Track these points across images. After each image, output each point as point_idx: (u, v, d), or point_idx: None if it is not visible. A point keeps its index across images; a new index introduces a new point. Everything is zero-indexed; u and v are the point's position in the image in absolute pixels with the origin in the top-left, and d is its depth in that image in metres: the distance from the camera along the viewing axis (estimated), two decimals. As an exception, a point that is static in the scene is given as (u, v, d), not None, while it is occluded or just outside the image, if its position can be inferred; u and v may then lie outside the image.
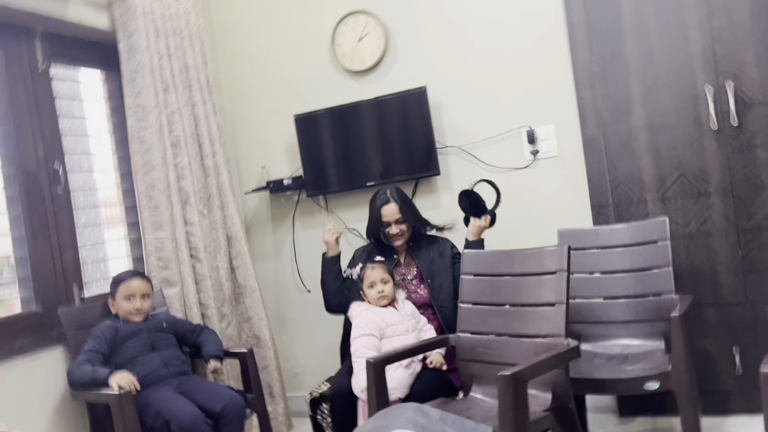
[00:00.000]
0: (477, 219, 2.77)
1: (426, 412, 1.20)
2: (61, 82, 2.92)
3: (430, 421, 1.17)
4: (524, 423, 1.80)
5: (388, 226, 2.78)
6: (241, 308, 3.35)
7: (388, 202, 2.79)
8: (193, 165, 3.14)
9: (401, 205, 2.79)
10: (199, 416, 2.36)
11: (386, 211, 2.78)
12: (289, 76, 3.60)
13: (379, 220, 2.79)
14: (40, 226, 2.68)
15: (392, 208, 2.78)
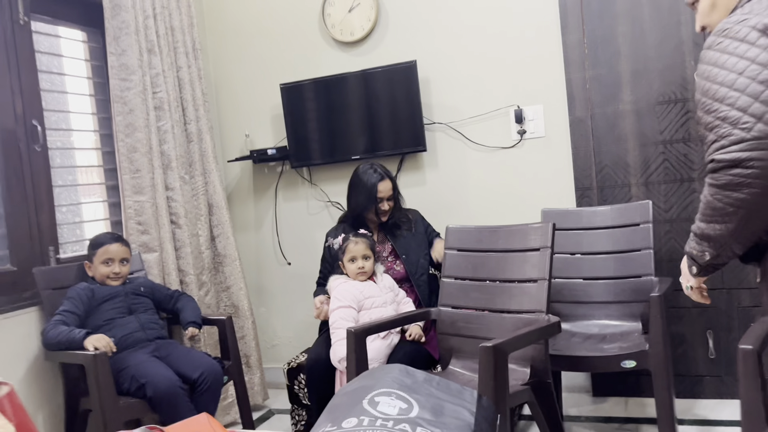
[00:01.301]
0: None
1: (411, 374, 1.19)
2: (42, 37, 2.84)
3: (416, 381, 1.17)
4: (503, 395, 1.81)
5: (381, 202, 2.79)
6: (220, 277, 3.32)
7: (383, 178, 2.81)
8: (176, 129, 3.09)
9: (393, 183, 2.83)
10: (176, 381, 2.34)
11: (383, 187, 2.79)
12: (277, 45, 3.54)
13: (375, 196, 2.78)
14: (16, 182, 2.62)
15: (387, 185, 2.81)
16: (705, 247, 1.31)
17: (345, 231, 2.83)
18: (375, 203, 2.79)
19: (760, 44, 1.16)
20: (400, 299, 2.65)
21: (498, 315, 2.26)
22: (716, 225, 1.22)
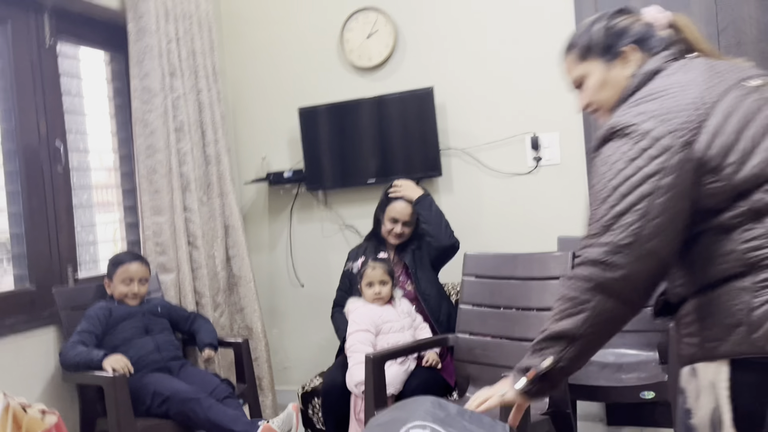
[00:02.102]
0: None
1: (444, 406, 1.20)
2: (67, 59, 2.89)
3: (449, 414, 1.17)
4: (524, 426, 1.80)
5: (395, 223, 2.79)
6: (234, 298, 3.33)
7: (401, 201, 2.82)
8: (195, 151, 3.12)
9: (414, 210, 2.82)
10: (198, 390, 2.35)
11: (398, 206, 2.80)
12: (295, 69, 3.59)
13: (384, 213, 2.82)
14: (37, 202, 2.65)
15: (404, 208, 2.81)
16: (550, 350, 1.22)
17: (367, 249, 2.84)
18: (386, 220, 2.81)
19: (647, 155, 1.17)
20: (417, 324, 2.65)
21: (516, 343, 2.26)
22: (569, 319, 1.19)
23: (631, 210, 1.15)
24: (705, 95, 1.19)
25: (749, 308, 1.11)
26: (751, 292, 1.11)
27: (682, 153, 1.15)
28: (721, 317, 1.14)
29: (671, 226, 1.15)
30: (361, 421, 2.48)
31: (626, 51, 1.34)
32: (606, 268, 1.16)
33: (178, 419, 2.33)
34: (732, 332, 1.12)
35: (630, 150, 1.18)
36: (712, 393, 1.15)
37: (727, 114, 1.17)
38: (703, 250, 1.18)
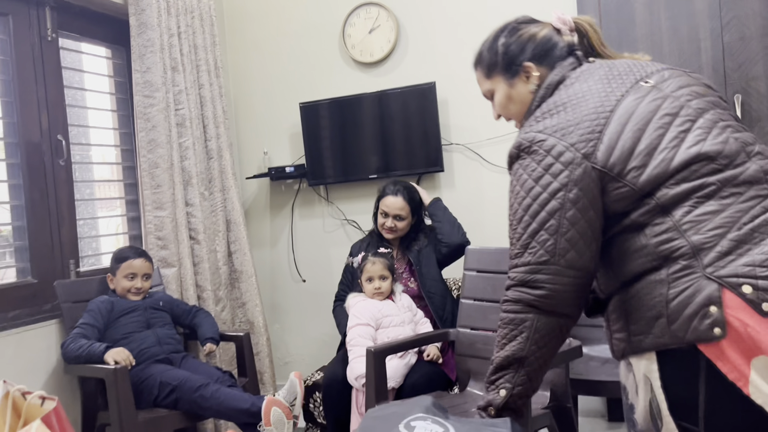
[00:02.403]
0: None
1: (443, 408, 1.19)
2: (68, 53, 2.89)
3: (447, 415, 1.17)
4: (525, 420, 1.80)
5: (386, 217, 2.79)
6: (236, 293, 3.33)
7: (395, 194, 2.79)
8: (197, 146, 3.12)
9: (407, 203, 2.80)
10: (203, 377, 2.36)
11: (389, 202, 2.78)
12: (296, 64, 3.58)
13: (378, 208, 2.83)
14: (39, 196, 2.65)
15: (396, 203, 2.78)
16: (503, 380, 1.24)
17: (369, 244, 2.84)
18: (376, 215, 2.83)
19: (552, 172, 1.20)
20: (417, 319, 2.65)
21: (518, 337, 2.25)
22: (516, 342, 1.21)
23: (543, 228, 1.20)
24: (603, 103, 1.23)
25: (666, 300, 1.13)
26: (667, 284, 1.14)
27: (583, 165, 1.19)
28: (642, 311, 1.17)
29: (584, 237, 1.19)
30: (363, 414, 2.48)
31: (526, 67, 1.39)
32: (531, 288, 1.19)
33: (186, 408, 2.33)
34: (653, 325, 1.14)
35: (535, 169, 1.22)
36: (647, 385, 1.17)
37: (625, 120, 1.21)
38: (618, 249, 1.21)
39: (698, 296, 1.10)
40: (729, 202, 1.14)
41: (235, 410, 2.29)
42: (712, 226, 1.13)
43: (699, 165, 1.17)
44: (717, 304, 1.08)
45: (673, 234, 1.14)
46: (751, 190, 1.15)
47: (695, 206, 1.15)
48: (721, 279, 1.09)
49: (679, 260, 1.13)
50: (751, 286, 1.07)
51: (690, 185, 1.16)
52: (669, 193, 1.16)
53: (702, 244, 1.12)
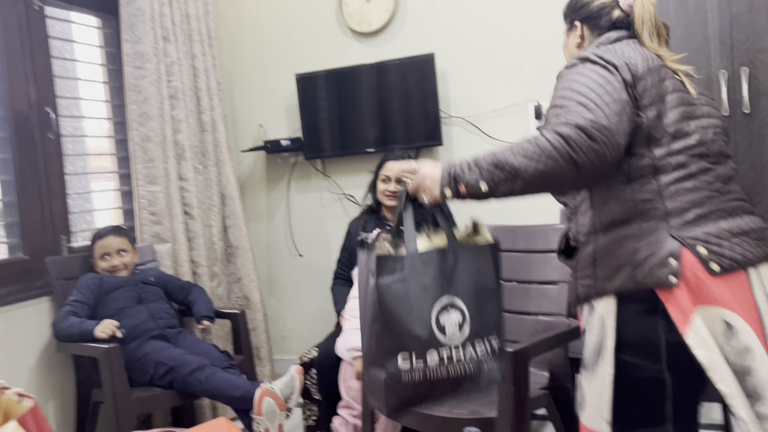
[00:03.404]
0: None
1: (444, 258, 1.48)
2: (56, 22, 2.80)
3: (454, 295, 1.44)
4: (524, 400, 1.78)
5: (388, 182, 2.72)
6: (232, 268, 3.29)
7: (396, 158, 2.72)
8: (190, 119, 3.05)
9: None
10: (201, 358, 2.33)
11: (391, 165, 2.71)
12: (292, 34, 3.49)
13: (378, 173, 2.74)
14: (29, 170, 2.59)
15: (398, 166, 2.70)
16: (490, 176, 1.34)
17: (368, 223, 2.78)
18: (380, 181, 2.73)
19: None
20: None
21: (516, 316, 2.22)
22: (531, 162, 1.30)
23: (609, 105, 1.31)
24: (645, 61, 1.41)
25: (635, 251, 1.33)
26: (638, 238, 1.34)
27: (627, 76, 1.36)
28: (611, 260, 1.36)
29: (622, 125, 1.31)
30: (350, 388, 2.45)
31: (576, 25, 1.59)
32: (588, 137, 1.27)
33: (181, 388, 2.31)
34: (620, 271, 1.34)
35: (594, 69, 1.36)
36: (601, 324, 1.36)
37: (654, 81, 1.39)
38: (607, 193, 1.38)
39: (662, 250, 1.31)
40: (701, 186, 1.37)
41: (228, 397, 2.27)
42: (684, 199, 1.35)
43: (692, 144, 1.38)
44: (676, 258, 1.30)
45: (655, 197, 1.35)
46: (718, 183, 1.40)
47: (678, 180, 1.36)
48: (682, 239, 1.32)
49: (651, 219, 1.35)
50: (705, 249, 1.31)
51: (680, 159, 1.37)
52: (667, 160, 1.36)
53: (673, 210, 1.34)
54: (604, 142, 1.26)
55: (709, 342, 1.27)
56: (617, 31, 1.52)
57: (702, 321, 1.28)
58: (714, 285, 1.29)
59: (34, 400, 1.01)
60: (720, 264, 1.30)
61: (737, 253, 1.33)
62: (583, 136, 1.26)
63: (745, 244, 1.35)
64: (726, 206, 1.38)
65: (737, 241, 1.34)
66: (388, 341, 1.38)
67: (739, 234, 1.35)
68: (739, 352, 1.29)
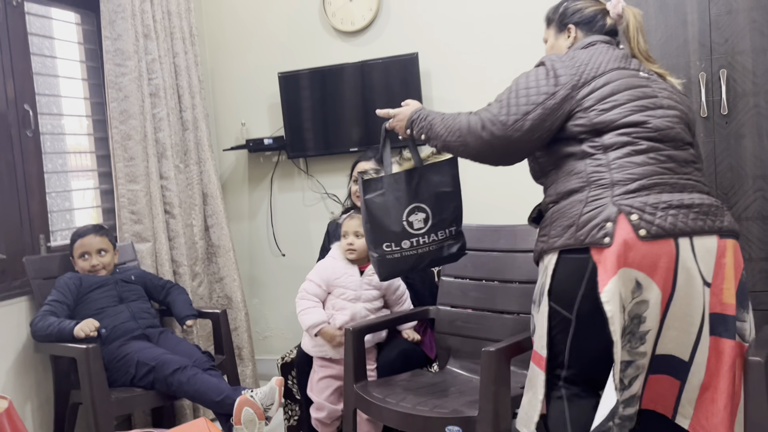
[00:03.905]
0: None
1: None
2: (35, 18, 2.76)
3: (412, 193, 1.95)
4: (505, 400, 1.78)
5: (357, 183, 2.73)
6: (213, 268, 3.27)
7: (367, 159, 2.74)
8: (172, 117, 3.03)
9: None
10: (182, 359, 2.31)
11: (360, 166, 2.73)
12: (275, 32, 3.48)
13: (351, 175, 2.77)
14: (6, 168, 2.55)
15: (364, 164, 2.72)
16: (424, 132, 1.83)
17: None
18: (352, 183, 2.75)
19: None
20: (396, 298, 2.56)
21: (498, 315, 2.23)
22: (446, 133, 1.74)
23: (519, 105, 1.64)
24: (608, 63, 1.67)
25: (580, 214, 1.56)
26: (585, 203, 1.57)
27: (568, 91, 1.64)
28: (561, 221, 1.60)
29: (532, 131, 1.64)
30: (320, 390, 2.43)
31: (569, 27, 1.83)
32: (483, 128, 1.65)
33: (162, 389, 2.29)
34: (567, 231, 1.57)
35: (539, 74, 1.68)
36: (544, 272, 1.62)
37: (614, 79, 1.65)
38: (567, 169, 1.65)
39: (602, 214, 1.53)
40: (650, 162, 1.59)
41: (209, 400, 2.25)
42: (630, 171, 1.57)
43: (642, 129, 1.60)
44: (612, 222, 1.51)
45: (603, 169, 1.58)
46: (671, 163, 1.60)
47: (627, 155, 1.58)
48: (620, 206, 1.53)
49: (599, 188, 1.57)
50: (637, 216, 1.51)
51: (628, 139, 1.60)
52: (611, 139, 1.60)
53: (618, 180, 1.56)
54: (491, 133, 1.64)
55: (616, 299, 1.48)
56: (596, 35, 1.78)
57: (619, 280, 1.49)
58: (640, 249, 1.49)
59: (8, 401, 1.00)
60: (648, 231, 1.50)
61: (668, 223, 1.51)
62: (478, 126, 1.66)
63: (681, 215, 1.53)
64: (675, 182, 1.58)
65: (673, 212, 1.53)
66: (376, 236, 1.96)
67: (678, 206, 1.54)
68: (638, 303, 1.52)
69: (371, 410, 2.06)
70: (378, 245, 1.96)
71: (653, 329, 1.54)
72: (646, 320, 1.53)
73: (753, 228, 2.69)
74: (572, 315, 1.56)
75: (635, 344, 1.54)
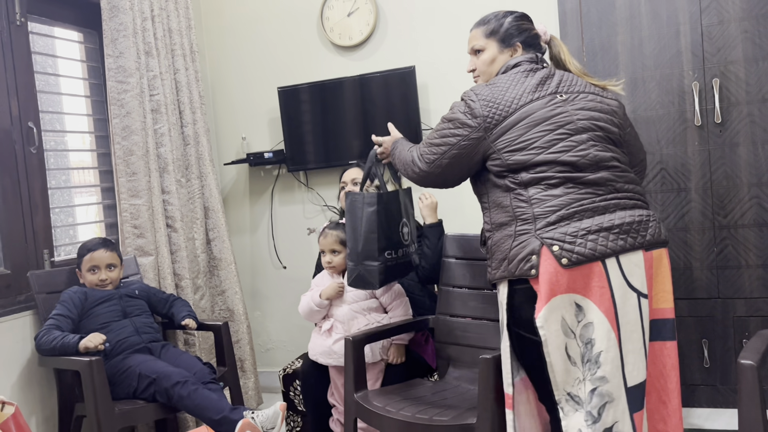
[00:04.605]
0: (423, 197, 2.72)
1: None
2: (39, 37, 2.82)
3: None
4: (503, 406, 1.80)
5: (345, 187, 2.81)
6: (215, 281, 3.30)
7: (351, 168, 2.84)
8: (173, 132, 3.07)
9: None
10: (183, 372, 2.33)
11: (346, 175, 2.82)
12: (274, 47, 3.53)
13: (339, 184, 2.86)
14: (11, 185, 2.59)
15: (351, 172, 2.81)
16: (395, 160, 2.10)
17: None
18: (341, 191, 2.84)
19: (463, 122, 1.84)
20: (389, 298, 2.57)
21: (496, 324, 2.25)
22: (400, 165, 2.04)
23: (439, 146, 1.85)
24: (521, 98, 1.78)
25: (510, 248, 1.71)
26: (512, 237, 1.72)
27: (481, 133, 1.79)
28: (497, 254, 1.76)
29: (451, 168, 1.85)
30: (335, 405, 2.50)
31: (516, 45, 1.92)
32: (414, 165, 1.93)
33: (163, 401, 2.31)
34: (501, 264, 1.73)
35: (458, 112, 1.83)
36: (502, 307, 1.75)
37: (525, 116, 1.76)
38: (494, 203, 1.80)
39: (527, 248, 1.67)
40: (569, 192, 1.70)
41: (208, 418, 2.26)
42: (549, 204, 1.69)
43: (553, 166, 1.72)
44: (537, 255, 1.65)
45: (525, 204, 1.72)
46: (589, 188, 1.71)
47: (544, 189, 1.71)
48: (543, 239, 1.66)
49: (524, 223, 1.71)
50: (558, 247, 1.64)
51: (542, 175, 1.72)
52: (527, 177, 1.73)
53: (539, 214, 1.69)
54: (420, 168, 1.90)
55: (550, 324, 1.62)
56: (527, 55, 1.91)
57: (556, 307, 1.62)
58: (567, 275, 1.62)
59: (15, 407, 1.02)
60: (569, 259, 1.62)
61: (588, 249, 1.63)
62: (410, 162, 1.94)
63: (601, 239, 1.65)
64: (596, 206, 1.70)
65: (592, 237, 1.64)
66: (381, 243, 2.21)
67: (597, 231, 1.65)
68: (585, 326, 1.63)
69: (372, 419, 2.08)
70: (381, 252, 2.20)
71: (606, 351, 1.61)
72: (596, 342, 1.61)
73: (749, 235, 2.72)
74: (539, 338, 1.64)
75: (593, 370, 1.61)
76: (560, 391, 1.64)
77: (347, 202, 2.27)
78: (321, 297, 2.48)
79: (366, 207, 2.20)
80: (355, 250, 2.23)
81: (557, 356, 1.62)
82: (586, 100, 1.81)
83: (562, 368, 1.62)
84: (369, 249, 2.19)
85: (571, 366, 1.63)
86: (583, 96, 1.82)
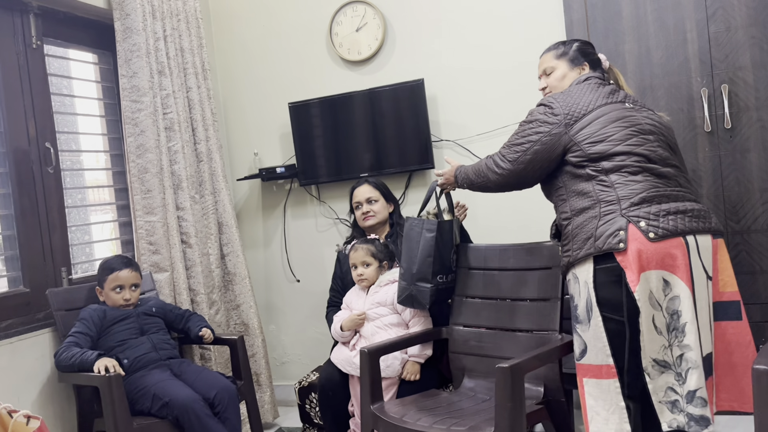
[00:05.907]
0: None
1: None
2: (54, 59, 2.87)
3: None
4: (520, 415, 1.81)
5: (359, 207, 2.85)
6: (230, 295, 3.33)
7: (360, 185, 2.89)
8: (187, 149, 3.12)
9: (374, 187, 2.87)
10: (197, 398, 2.36)
11: (357, 192, 2.88)
12: (284, 64, 3.57)
13: (351, 202, 2.91)
14: (29, 204, 2.64)
15: (363, 189, 2.87)
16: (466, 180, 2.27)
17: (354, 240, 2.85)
18: (354, 211, 2.90)
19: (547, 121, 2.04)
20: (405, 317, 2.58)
21: (511, 334, 2.26)
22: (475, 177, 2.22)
23: (521, 144, 2.04)
24: (596, 100, 2.01)
25: (596, 227, 1.86)
26: (598, 217, 1.88)
27: (561, 129, 1.98)
28: (581, 235, 1.90)
29: (533, 163, 2.03)
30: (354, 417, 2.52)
31: (584, 64, 2.17)
32: (496, 165, 2.12)
33: (176, 423, 2.34)
34: (586, 243, 1.87)
35: (539, 113, 2.04)
36: (586, 288, 1.86)
37: (601, 114, 1.98)
38: (575, 188, 1.97)
39: (614, 225, 1.84)
40: (647, 179, 1.90)
41: None
42: (631, 188, 1.88)
43: (630, 156, 1.92)
44: (624, 230, 1.81)
45: (608, 188, 1.90)
46: (661, 179, 1.92)
47: (625, 176, 1.90)
48: (629, 217, 1.84)
49: (608, 204, 1.88)
50: (645, 223, 1.82)
51: (622, 164, 1.91)
52: (608, 165, 1.92)
53: (623, 196, 1.87)
54: (503, 168, 2.08)
55: (645, 297, 1.77)
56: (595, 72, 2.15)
57: (647, 281, 1.78)
58: (653, 250, 1.78)
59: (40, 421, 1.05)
60: (656, 233, 1.79)
61: (671, 225, 1.81)
62: (493, 166, 2.12)
63: (679, 219, 1.83)
64: (669, 194, 1.89)
65: (672, 217, 1.83)
66: (435, 267, 2.37)
67: (675, 213, 1.84)
68: (671, 299, 1.80)
69: (388, 430, 2.09)
70: (434, 276, 2.36)
71: (690, 321, 1.78)
72: (683, 313, 1.78)
73: (762, 240, 2.71)
74: (624, 317, 1.78)
75: (680, 338, 1.78)
76: (647, 359, 1.78)
77: (406, 226, 2.44)
78: (342, 330, 2.57)
79: (425, 232, 2.36)
80: (409, 270, 2.38)
81: (645, 327, 1.76)
82: (649, 113, 2.04)
83: (648, 337, 1.77)
84: (424, 271, 2.34)
85: (656, 335, 1.79)
86: (646, 110, 2.05)
